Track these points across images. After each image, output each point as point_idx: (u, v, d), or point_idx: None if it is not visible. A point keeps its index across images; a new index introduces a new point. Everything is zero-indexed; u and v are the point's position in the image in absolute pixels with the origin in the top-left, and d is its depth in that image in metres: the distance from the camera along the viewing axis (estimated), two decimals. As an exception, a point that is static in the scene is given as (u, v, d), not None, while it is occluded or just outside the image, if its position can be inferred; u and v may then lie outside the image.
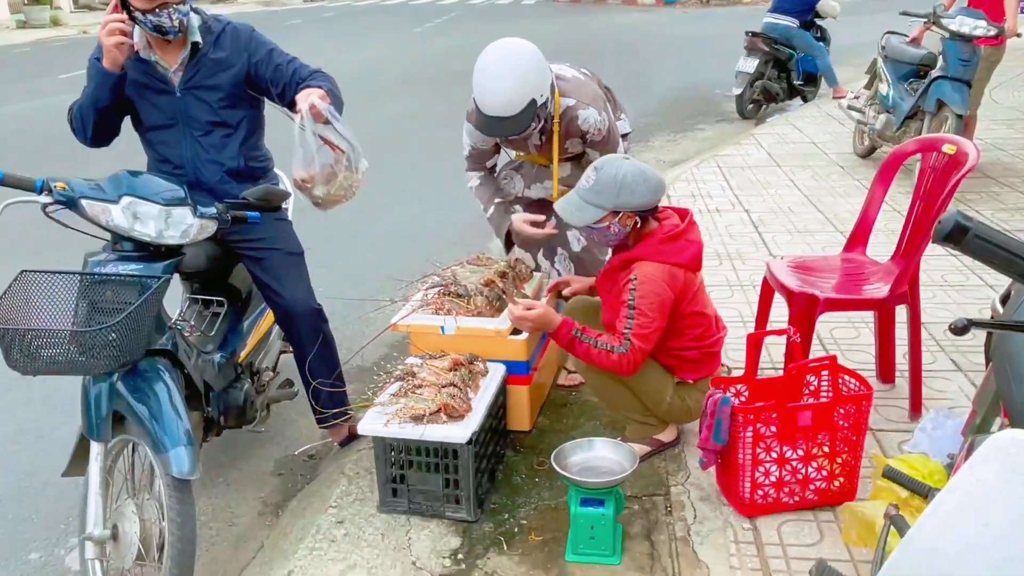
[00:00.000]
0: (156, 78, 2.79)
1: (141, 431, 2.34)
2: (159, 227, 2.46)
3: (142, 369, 2.39)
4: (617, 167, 2.62)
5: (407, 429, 2.54)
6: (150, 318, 2.33)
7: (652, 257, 2.63)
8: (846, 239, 3.33)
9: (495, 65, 2.83)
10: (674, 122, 9.22)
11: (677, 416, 2.85)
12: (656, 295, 2.59)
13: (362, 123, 9.30)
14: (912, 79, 6.18)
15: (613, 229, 2.67)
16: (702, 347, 2.78)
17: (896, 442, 2.90)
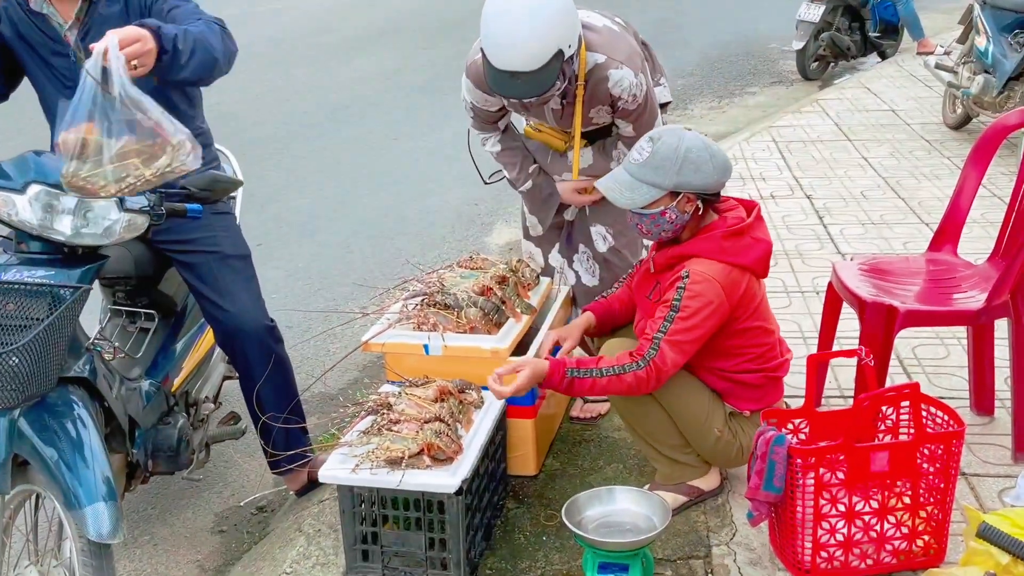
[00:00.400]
0: (49, 36, 2.79)
1: (49, 481, 2.33)
2: (76, 223, 2.46)
3: (51, 402, 2.39)
4: (680, 138, 2.63)
5: (381, 476, 2.55)
6: (64, 338, 2.33)
7: (711, 255, 2.64)
8: (932, 234, 3.34)
9: (511, 6, 2.77)
10: (718, 85, 9.25)
11: (725, 456, 2.86)
12: (708, 300, 2.59)
13: (325, 85, 9.37)
14: (1018, 30, 6.19)
15: (669, 215, 2.66)
16: (765, 370, 2.80)
17: (996, 491, 2.90)
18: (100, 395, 2.57)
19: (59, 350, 2.31)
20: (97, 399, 2.56)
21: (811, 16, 8.96)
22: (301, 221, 6.00)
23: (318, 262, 5.40)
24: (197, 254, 2.98)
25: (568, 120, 3.13)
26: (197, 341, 3.32)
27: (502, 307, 3.12)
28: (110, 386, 2.65)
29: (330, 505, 3.04)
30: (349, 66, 10.21)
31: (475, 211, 6.12)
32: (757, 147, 6.72)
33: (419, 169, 6.97)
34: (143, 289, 3.12)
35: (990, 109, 6.20)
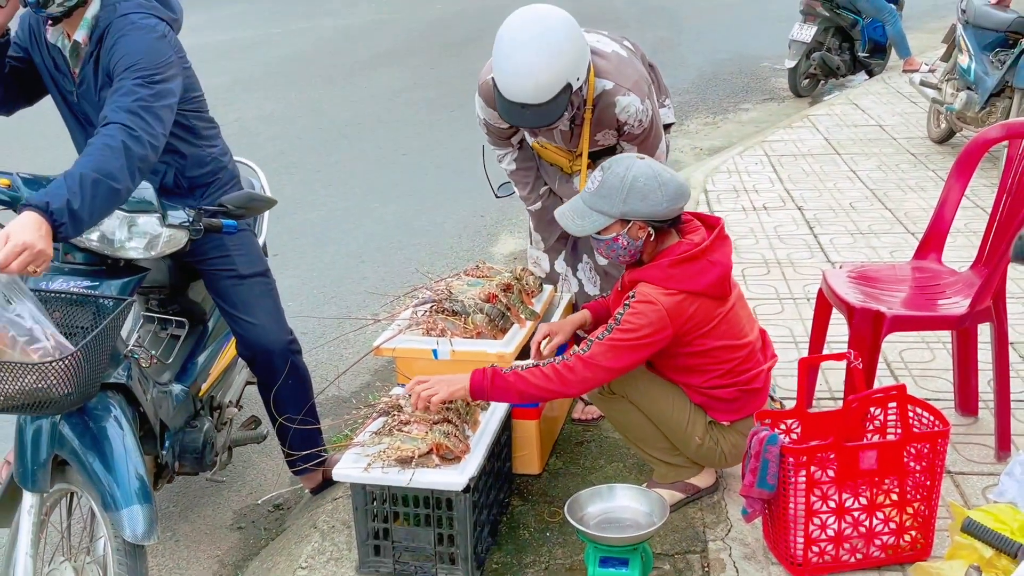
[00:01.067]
0: (58, 67, 2.70)
1: (86, 482, 2.34)
2: (120, 237, 2.47)
3: (92, 407, 2.38)
4: (627, 167, 2.61)
5: (392, 474, 2.56)
6: (109, 347, 2.32)
7: (658, 281, 2.61)
8: (918, 243, 3.34)
9: (522, 39, 2.75)
10: (713, 101, 9.26)
11: (709, 461, 2.86)
12: (649, 320, 2.55)
13: (339, 103, 9.40)
14: (999, 49, 6.20)
15: (621, 242, 2.65)
16: (738, 384, 2.76)
17: (980, 488, 2.90)
18: (136, 400, 2.57)
19: (104, 357, 2.30)
20: (133, 404, 2.56)
21: (803, 36, 8.98)
22: (315, 232, 6.01)
23: (331, 271, 5.41)
24: (214, 274, 2.97)
25: (575, 141, 3.13)
26: (224, 348, 3.30)
27: (507, 313, 3.13)
28: (144, 391, 2.65)
29: (344, 503, 3.04)
30: (361, 85, 10.23)
31: (481, 222, 6.13)
32: (750, 161, 6.72)
33: (428, 182, 6.99)
34: (174, 297, 3.13)
35: (973, 124, 6.20)
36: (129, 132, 2.35)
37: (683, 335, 2.63)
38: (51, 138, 3.09)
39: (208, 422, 3.06)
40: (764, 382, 2.82)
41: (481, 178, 3.61)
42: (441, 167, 7.32)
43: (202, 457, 2.98)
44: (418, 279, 4.83)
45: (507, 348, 2.94)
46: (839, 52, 9.33)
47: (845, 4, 9.17)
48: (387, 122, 8.72)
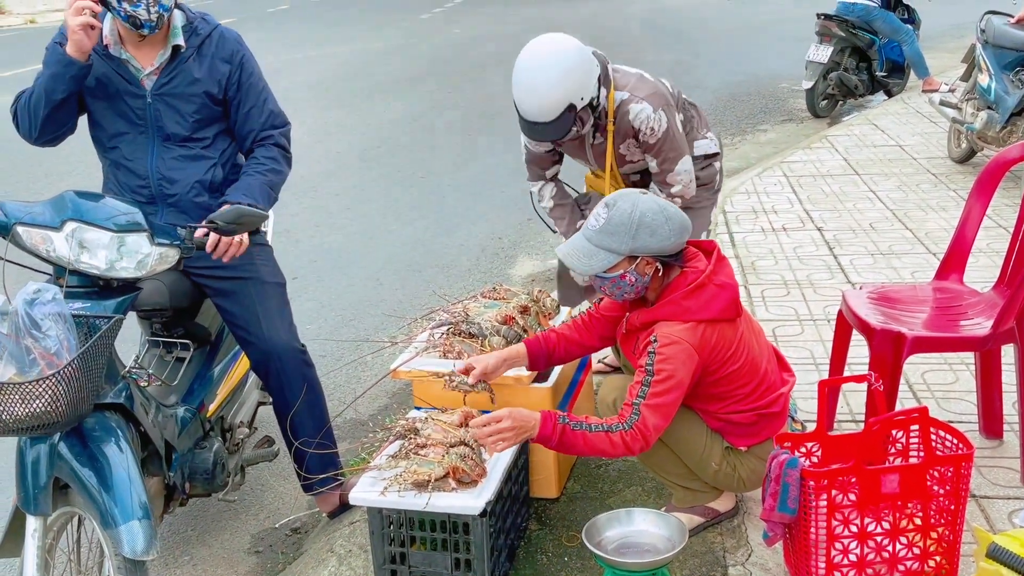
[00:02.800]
0: (125, 79, 2.87)
1: (87, 502, 2.35)
2: (110, 258, 2.50)
3: (89, 427, 2.41)
4: (633, 203, 2.58)
5: (408, 498, 2.54)
6: (100, 366, 2.35)
7: (675, 316, 2.58)
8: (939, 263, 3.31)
9: (532, 66, 3.06)
10: (731, 122, 9.25)
11: (727, 485, 2.83)
12: (681, 360, 2.53)
13: (358, 127, 9.45)
14: (1019, 68, 6.15)
15: (628, 279, 2.61)
16: (757, 408, 2.73)
17: (1006, 512, 2.86)
18: (136, 420, 2.59)
19: (95, 377, 2.32)
20: (133, 424, 2.58)
21: (820, 57, 8.95)
22: (333, 255, 6.02)
23: (349, 294, 5.42)
24: (236, 280, 3.02)
25: (603, 159, 3.33)
26: (231, 369, 3.33)
27: (524, 335, 3.11)
28: (146, 412, 2.66)
29: (361, 527, 3.03)
30: (380, 109, 10.29)
31: (499, 244, 6.13)
32: (769, 181, 6.70)
33: (446, 205, 7.00)
34: (178, 320, 3.15)
35: (994, 143, 6.15)
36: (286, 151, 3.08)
37: (708, 364, 2.61)
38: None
39: (218, 442, 3.07)
40: (783, 405, 2.79)
41: (498, 201, 3.62)
42: (459, 190, 7.34)
43: (213, 477, 2.99)
44: (435, 302, 4.86)
45: (523, 371, 2.93)
46: (856, 72, 9.30)
47: (861, 24, 9.15)
48: (406, 146, 8.76)
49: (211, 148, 3.00)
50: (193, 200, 2.96)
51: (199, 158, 2.97)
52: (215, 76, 2.93)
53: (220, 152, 3.02)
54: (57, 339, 2.28)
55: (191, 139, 2.95)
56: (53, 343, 2.27)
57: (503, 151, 8.38)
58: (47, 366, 2.24)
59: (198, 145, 2.97)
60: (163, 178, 2.94)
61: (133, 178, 2.96)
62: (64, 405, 2.23)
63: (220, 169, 3.02)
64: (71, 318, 2.32)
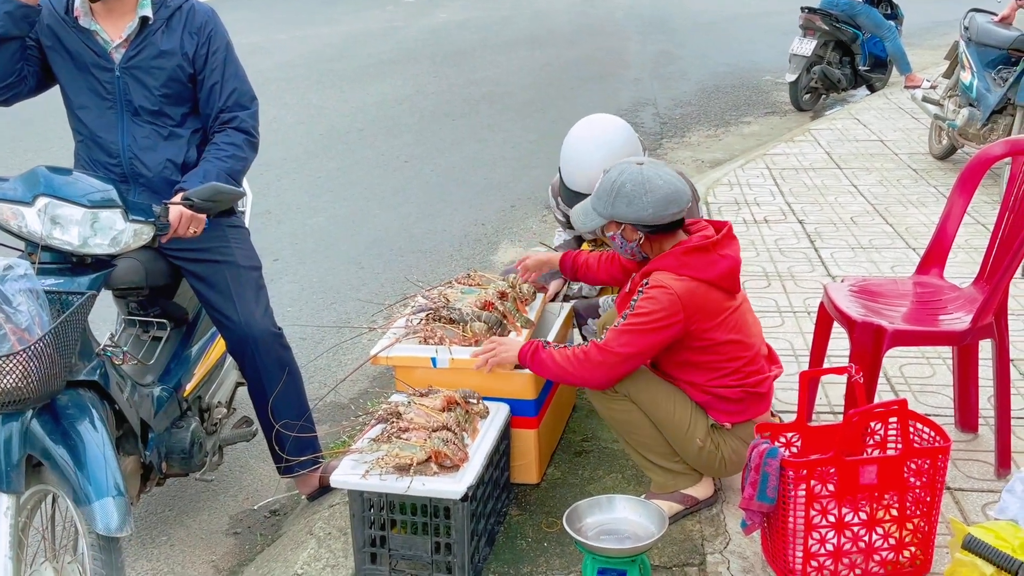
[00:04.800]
0: (94, 51, 2.84)
1: (60, 479, 2.32)
2: (83, 234, 2.47)
3: (62, 404, 2.38)
4: (620, 172, 2.73)
5: (390, 481, 2.54)
6: (72, 342, 2.32)
7: (671, 268, 2.69)
8: (919, 258, 3.34)
9: (583, 140, 3.23)
10: (715, 114, 9.28)
11: (709, 466, 2.85)
12: (662, 305, 2.62)
13: (341, 110, 9.40)
14: (1001, 66, 6.21)
15: (617, 241, 2.81)
16: (744, 385, 2.78)
17: (980, 504, 2.89)
18: (111, 398, 2.56)
19: (67, 353, 2.29)
20: (108, 402, 2.55)
21: (804, 50, 8.99)
22: (315, 238, 5.99)
23: (331, 277, 5.39)
24: (211, 263, 3.00)
25: None
26: (208, 349, 3.32)
27: (504, 321, 3.12)
28: (121, 390, 2.64)
29: (340, 509, 3.03)
30: (362, 92, 10.23)
31: (481, 231, 6.12)
32: (751, 173, 6.72)
33: (429, 190, 6.98)
34: (155, 300, 3.13)
35: (975, 141, 6.21)
36: (251, 135, 2.98)
37: (694, 325, 2.68)
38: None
39: (195, 422, 3.06)
40: (769, 388, 2.84)
41: (481, 188, 3.63)
42: (442, 175, 7.32)
43: (190, 457, 2.99)
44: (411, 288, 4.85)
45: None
46: (840, 66, 9.34)
47: (845, 19, 9.19)
48: (389, 129, 8.72)
49: (183, 127, 2.96)
50: (167, 180, 2.91)
51: (172, 136, 2.94)
52: (184, 50, 2.88)
53: (192, 131, 2.98)
54: (29, 315, 2.25)
55: (162, 115, 2.91)
56: (25, 318, 2.24)
57: (486, 137, 8.38)
58: (18, 342, 2.21)
59: (170, 123, 2.93)
60: (135, 157, 2.90)
61: (104, 156, 2.92)
62: (35, 381, 2.20)
63: (194, 150, 2.97)
64: (43, 294, 2.30)
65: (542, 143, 8.05)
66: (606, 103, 9.61)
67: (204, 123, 3.00)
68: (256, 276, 3.11)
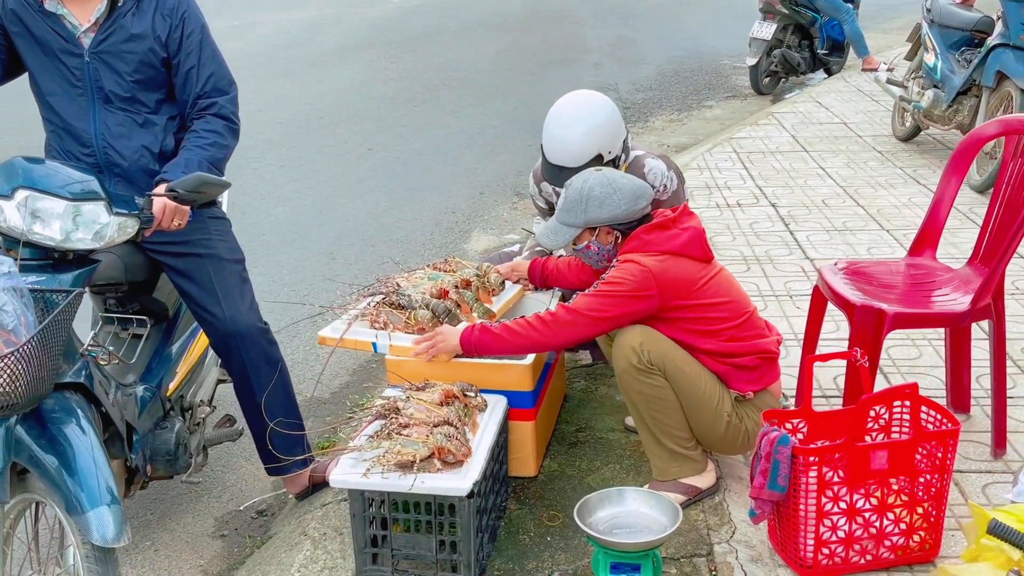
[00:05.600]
0: (62, 37, 2.70)
1: (49, 487, 2.20)
2: (66, 228, 2.34)
3: (49, 408, 2.25)
4: (583, 180, 2.82)
5: (393, 480, 2.45)
6: (59, 343, 2.20)
7: (637, 249, 2.76)
8: (898, 238, 3.33)
9: (567, 113, 3.20)
10: (676, 98, 9.26)
11: (731, 443, 2.82)
12: (631, 274, 2.68)
13: (300, 97, 9.20)
14: (965, 48, 6.25)
15: (593, 248, 2.87)
16: (755, 350, 2.78)
17: (979, 485, 2.89)
18: (97, 400, 2.44)
19: (55, 354, 2.17)
20: (94, 404, 2.43)
21: (763, 34, 9.00)
22: (282, 229, 5.83)
23: (302, 269, 5.25)
24: (192, 257, 2.88)
25: None
26: (190, 345, 3.19)
27: (456, 310, 3.03)
28: (106, 392, 2.52)
29: (334, 508, 2.93)
30: (320, 79, 10.03)
31: (453, 219, 6.02)
32: (719, 157, 6.70)
33: (395, 178, 6.85)
34: (134, 295, 3.00)
35: (940, 122, 6.26)
36: (231, 121, 2.88)
37: (674, 297, 2.71)
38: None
39: (179, 422, 2.94)
40: (777, 351, 2.84)
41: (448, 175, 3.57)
42: (408, 163, 7.19)
43: (175, 459, 2.87)
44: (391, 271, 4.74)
45: None
46: (799, 50, 9.39)
47: (804, 2, 9.23)
48: (349, 116, 8.55)
49: (158, 114, 2.82)
50: (143, 170, 2.78)
51: (147, 124, 2.80)
52: (156, 33, 2.75)
53: (168, 118, 2.85)
54: (14, 315, 2.12)
55: (135, 101, 2.77)
56: (10, 319, 2.11)
57: (449, 123, 8.26)
58: (4, 344, 2.08)
59: (144, 109, 2.80)
60: (108, 146, 2.76)
61: (76, 145, 2.78)
62: (24, 385, 2.06)
63: (171, 138, 2.84)
64: (28, 292, 2.17)
65: (507, 129, 7.96)
66: (568, 88, 9.43)
67: (181, 109, 2.87)
68: (240, 269, 3.00)
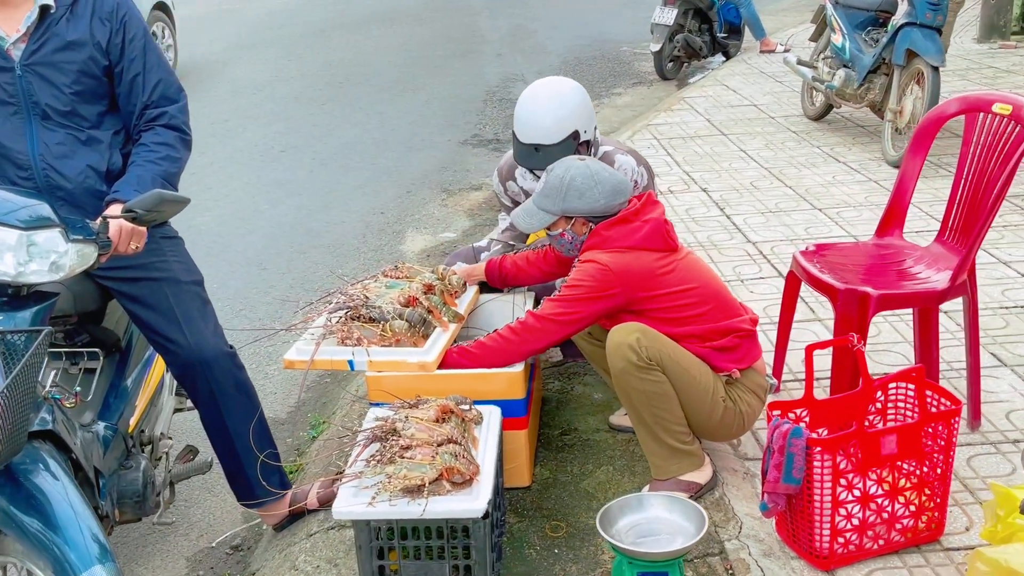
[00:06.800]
0: None
1: (29, 549, 1.98)
2: (19, 260, 2.12)
3: (16, 463, 2.02)
4: (566, 168, 2.78)
5: (401, 506, 2.30)
6: (31, 390, 1.98)
7: (598, 246, 2.75)
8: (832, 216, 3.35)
9: (540, 92, 3.15)
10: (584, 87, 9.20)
11: (729, 428, 2.79)
12: (591, 274, 2.67)
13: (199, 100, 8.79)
14: (870, 27, 6.41)
15: (567, 236, 2.83)
16: (731, 330, 2.75)
17: (964, 459, 2.92)
18: (67, 447, 2.22)
19: (27, 403, 1.94)
20: (63, 451, 2.21)
21: (665, 19, 9.06)
22: (205, 241, 5.52)
23: (233, 281, 4.99)
24: (147, 281, 2.65)
25: None
26: (147, 375, 2.96)
27: (429, 317, 2.88)
28: (73, 436, 2.29)
29: (322, 538, 2.76)
30: (219, 79, 9.63)
31: (383, 219, 5.83)
32: (641, 144, 6.69)
33: (315, 180, 6.61)
34: (83, 327, 2.75)
35: (852, 101, 6.40)
36: (183, 132, 2.69)
37: (640, 290, 2.69)
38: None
39: (144, 460, 2.71)
40: (752, 328, 2.83)
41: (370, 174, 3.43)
42: (325, 164, 6.95)
43: (144, 500, 2.64)
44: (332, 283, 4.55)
45: (428, 356, 2.72)
46: (700, 34, 9.49)
47: (701, -13, 9.34)
48: (255, 118, 8.23)
49: (101, 128, 2.59)
50: (89, 192, 2.55)
51: (91, 141, 2.57)
52: (95, 39, 2.52)
53: (113, 133, 2.62)
54: None
55: (75, 115, 2.54)
56: None
57: (362, 121, 8.03)
58: None
59: (85, 124, 2.56)
60: (49, 167, 2.51)
61: (13, 169, 2.51)
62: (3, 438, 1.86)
63: (118, 154, 2.61)
64: None
65: (423, 124, 7.80)
66: (475, 80, 9.43)
67: (126, 122, 2.63)
68: (199, 290, 2.78)
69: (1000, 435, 3.04)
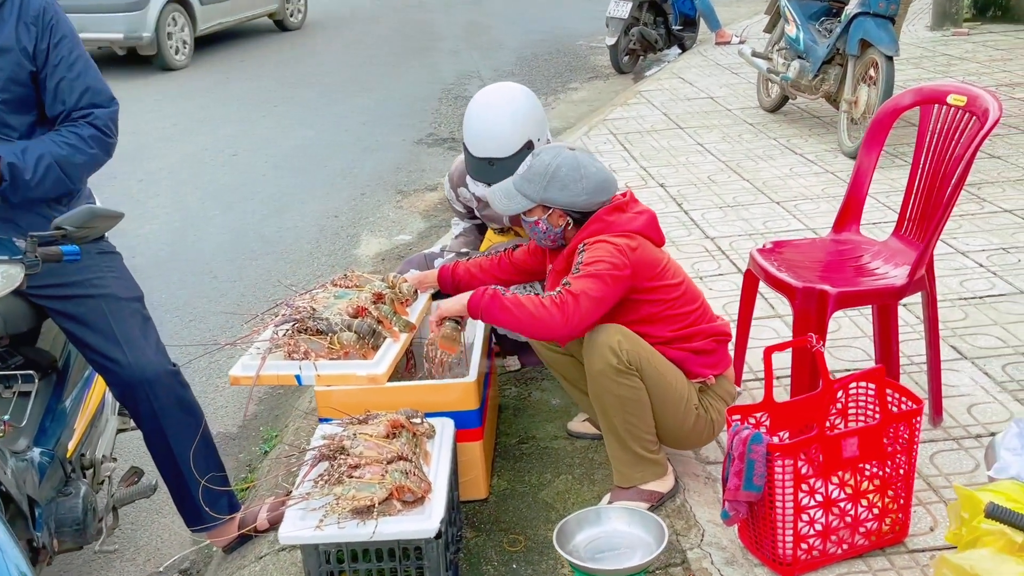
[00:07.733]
0: None
1: None
2: None
3: None
4: (554, 155, 2.66)
5: (350, 529, 2.21)
6: None
7: (599, 231, 2.65)
8: (790, 210, 3.31)
9: (489, 103, 3.06)
10: (539, 82, 9.16)
11: (699, 435, 2.74)
12: (608, 251, 2.56)
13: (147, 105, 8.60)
14: (824, 18, 6.39)
15: (541, 226, 2.72)
16: (712, 334, 2.72)
17: (927, 455, 2.88)
18: None
19: None
20: None
21: (620, 13, 9.02)
22: (153, 249, 5.38)
23: (183, 291, 4.85)
24: (84, 299, 2.54)
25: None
26: (85, 396, 2.83)
27: (378, 328, 2.77)
28: (4, 464, 2.18)
29: (272, 561, 2.66)
30: (164, 82, 9.43)
31: (337, 223, 5.71)
32: (598, 140, 6.64)
33: (267, 184, 6.47)
34: (16, 348, 2.62)
35: (807, 92, 6.38)
36: (101, 131, 2.52)
37: (641, 277, 2.62)
38: None
39: (84, 485, 2.58)
40: (730, 333, 2.80)
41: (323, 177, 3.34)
42: (277, 167, 6.81)
43: (84, 527, 2.51)
44: (282, 292, 4.43)
45: (378, 369, 2.59)
46: (655, 27, 9.46)
47: (657, -22, 9.31)
48: (203, 121, 8.05)
49: (31, 139, 2.47)
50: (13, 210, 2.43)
51: None
52: (22, 44, 2.40)
53: None
54: None
55: (3, 126, 2.42)
56: None
57: (315, 123, 7.90)
58: None
59: (14, 135, 2.44)
60: None
61: None
62: None
63: None
64: None
65: (377, 124, 7.67)
66: (431, 78, 9.31)
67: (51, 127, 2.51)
68: (139, 307, 2.66)
69: (962, 430, 3.01)
